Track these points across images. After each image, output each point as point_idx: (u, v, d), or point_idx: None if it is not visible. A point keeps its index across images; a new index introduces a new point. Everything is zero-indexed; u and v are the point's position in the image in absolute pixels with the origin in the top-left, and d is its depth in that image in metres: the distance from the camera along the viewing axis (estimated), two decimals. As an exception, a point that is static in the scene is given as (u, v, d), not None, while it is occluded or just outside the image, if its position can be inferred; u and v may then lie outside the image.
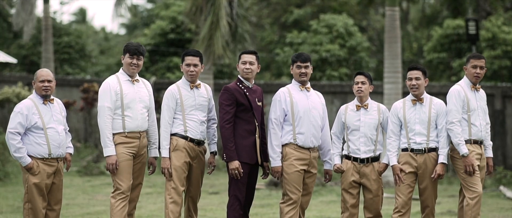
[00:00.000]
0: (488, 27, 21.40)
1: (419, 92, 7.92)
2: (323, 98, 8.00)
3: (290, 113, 7.72)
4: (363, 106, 7.93)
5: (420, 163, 7.84)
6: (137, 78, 7.86)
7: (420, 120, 7.86)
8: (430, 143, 7.85)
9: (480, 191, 7.82)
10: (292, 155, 7.68)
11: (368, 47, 23.97)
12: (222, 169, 17.25)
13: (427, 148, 7.84)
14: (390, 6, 16.51)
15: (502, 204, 13.24)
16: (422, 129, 7.86)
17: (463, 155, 7.81)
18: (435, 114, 7.88)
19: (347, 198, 7.90)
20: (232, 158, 7.58)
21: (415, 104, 7.92)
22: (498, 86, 18.92)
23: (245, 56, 7.81)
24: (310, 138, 7.72)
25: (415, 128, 7.86)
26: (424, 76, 7.97)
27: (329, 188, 15.09)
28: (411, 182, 7.87)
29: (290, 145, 7.71)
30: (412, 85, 7.92)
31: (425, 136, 7.85)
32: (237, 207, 7.63)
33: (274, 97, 7.80)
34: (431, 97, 8.01)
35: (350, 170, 7.89)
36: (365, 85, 7.93)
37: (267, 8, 28.68)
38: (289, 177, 7.64)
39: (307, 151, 7.73)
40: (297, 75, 7.81)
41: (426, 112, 7.88)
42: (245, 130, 7.65)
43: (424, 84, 7.96)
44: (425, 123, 7.86)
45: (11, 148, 7.66)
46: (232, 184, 7.66)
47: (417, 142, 7.85)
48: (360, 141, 7.89)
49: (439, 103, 7.96)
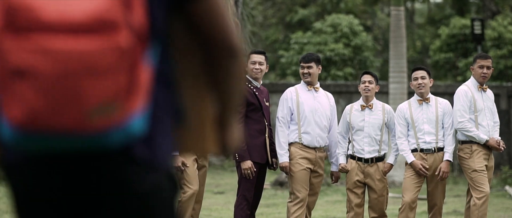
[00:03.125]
0: (494, 26, 21.38)
1: (425, 91, 7.93)
2: (332, 99, 8.01)
3: (296, 112, 7.74)
4: (368, 106, 7.93)
5: (430, 163, 7.85)
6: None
7: (428, 119, 7.88)
8: (439, 142, 7.87)
9: (488, 191, 7.82)
10: (297, 154, 7.69)
11: (373, 46, 23.96)
12: (227, 168, 17.26)
13: (436, 148, 7.85)
14: (395, 6, 16.49)
15: (508, 204, 13.22)
16: (431, 128, 7.87)
17: (487, 140, 7.86)
18: (442, 112, 7.90)
19: (351, 198, 7.90)
20: (244, 157, 7.58)
21: (421, 104, 7.93)
22: (504, 86, 18.89)
23: (254, 56, 7.82)
24: (315, 138, 7.72)
25: (423, 128, 7.87)
26: (429, 76, 7.98)
27: (335, 188, 15.09)
28: (419, 182, 7.88)
29: (296, 144, 7.72)
30: (418, 84, 7.92)
31: (434, 135, 7.86)
32: (244, 207, 7.64)
33: (282, 96, 7.85)
34: (435, 97, 8.05)
35: (355, 170, 7.89)
36: (371, 85, 7.93)
37: (272, 8, 28.69)
38: (295, 176, 7.65)
39: (313, 151, 7.73)
40: (301, 75, 7.87)
41: (434, 111, 7.89)
42: (255, 129, 7.67)
43: (429, 84, 7.97)
44: (433, 122, 7.87)
45: None
46: (242, 183, 7.67)
47: (426, 142, 7.86)
48: (364, 141, 7.89)
49: (445, 102, 7.99)
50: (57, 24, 1.75)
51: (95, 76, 1.76)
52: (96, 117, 1.78)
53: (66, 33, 1.76)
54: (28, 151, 1.85)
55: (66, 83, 1.75)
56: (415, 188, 7.85)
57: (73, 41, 1.75)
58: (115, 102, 1.79)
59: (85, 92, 1.76)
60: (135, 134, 1.85)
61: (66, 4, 1.76)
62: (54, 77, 1.75)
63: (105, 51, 1.76)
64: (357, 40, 22.81)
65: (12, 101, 1.77)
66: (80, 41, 1.75)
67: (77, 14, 1.76)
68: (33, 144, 1.81)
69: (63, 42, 1.75)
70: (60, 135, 1.79)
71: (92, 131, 1.79)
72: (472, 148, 7.93)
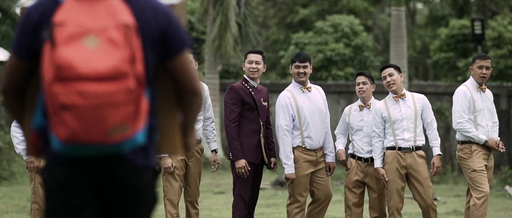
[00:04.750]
0: (494, 26, 21.38)
1: (397, 88, 7.79)
2: (323, 92, 7.94)
3: (297, 118, 7.71)
4: (366, 106, 7.93)
5: (408, 163, 7.68)
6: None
7: (407, 115, 7.73)
8: (417, 140, 7.73)
9: (487, 191, 7.81)
10: (301, 158, 7.68)
11: (373, 46, 23.96)
12: (227, 168, 17.26)
13: (414, 146, 7.71)
14: (396, 6, 16.50)
15: (508, 204, 13.22)
16: (410, 123, 7.71)
17: (486, 141, 7.84)
18: (420, 107, 7.76)
19: (349, 197, 7.90)
20: (238, 157, 7.60)
21: (398, 101, 7.80)
22: (504, 86, 18.89)
23: (251, 55, 7.82)
24: (317, 139, 7.73)
25: (402, 125, 7.70)
26: (397, 72, 7.84)
27: (334, 187, 15.08)
28: (400, 180, 7.68)
29: (299, 148, 7.71)
30: (387, 82, 7.78)
31: (413, 132, 7.71)
32: (242, 207, 7.65)
33: (279, 102, 7.69)
34: (412, 93, 7.91)
35: (354, 169, 7.89)
36: (366, 86, 7.91)
37: (273, 8, 28.70)
38: (297, 180, 7.65)
39: (314, 153, 7.74)
40: (295, 75, 7.75)
41: (412, 107, 7.76)
42: (250, 129, 7.67)
43: (400, 79, 7.83)
44: (412, 117, 7.72)
45: (14, 140, 7.66)
46: (237, 183, 7.68)
47: (405, 139, 7.67)
48: (363, 140, 7.88)
49: (422, 97, 7.84)
50: (88, 75, 2.81)
51: (113, 107, 2.83)
52: (114, 134, 2.86)
53: (94, 81, 2.81)
54: (68, 155, 2.96)
55: (95, 113, 2.82)
56: (395, 189, 7.66)
57: (99, 86, 2.81)
58: (127, 124, 2.87)
59: (107, 118, 2.83)
60: (139, 143, 2.97)
61: (94, 62, 2.81)
62: (87, 109, 2.81)
63: (119, 91, 2.83)
64: (358, 40, 22.81)
65: (60, 125, 2.85)
66: (104, 85, 2.81)
67: (101, 68, 2.81)
68: (72, 151, 2.93)
69: (93, 87, 2.80)
70: (90, 146, 2.89)
71: (112, 142, 2.88)
72: (471, 148, 7.93)
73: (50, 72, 2.84)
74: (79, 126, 2.82)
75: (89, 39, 2.85)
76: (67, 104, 2.80)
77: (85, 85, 2.80)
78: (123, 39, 2.87)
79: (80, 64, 2.80)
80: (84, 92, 2.80)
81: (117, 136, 2.86)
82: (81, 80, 2.80)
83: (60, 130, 2.85)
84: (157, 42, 3.07)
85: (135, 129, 2.90)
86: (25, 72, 3.07)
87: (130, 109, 2.85)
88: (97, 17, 2.90)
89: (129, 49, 2.87)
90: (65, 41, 2.85)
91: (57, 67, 2.81)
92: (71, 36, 2.85)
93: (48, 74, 2.84)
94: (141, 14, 3.03)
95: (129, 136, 2.89)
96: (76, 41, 2.85)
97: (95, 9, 2.92)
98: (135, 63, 2.87)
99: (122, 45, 2.86)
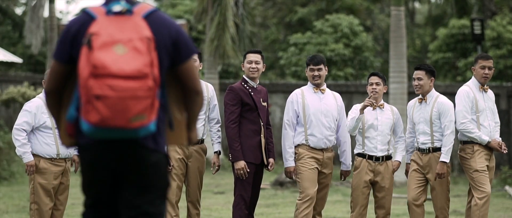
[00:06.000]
0: (493, 26, 21.37)
1: (422, 92, 7.94)
2: (340, 99, 8.02)
3: (301, 114, 7.76)
4: (379, 106, 7.98)
5: (425, 163, 7.87)
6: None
7: (424, 119, 7.91)
8: (435, 142, 7.85)
9: (489, 191, 7.82)
10: (305, 154, 7.73)
11: (373, 46, 23.96)
12: (227, 168, 17.25)
13: (431, 148, 7.85)
14: (396, 6, 16.49)
15: (508, 204, 13.23)
16: (426, 127, 7.87)
17: (489, 142, 7.89)
18: (436, 112, 7.86)
19: (360, 198, 7.90)
20: (238, 158, 7.60)
21: (421, 103, 7.97)
22: (504, 86, 18.89)
23: (250, 55, 7.83)
24: (322, 139, 7.75)
25: (419, 128, 7.91)
26: (428, 76, 7.94)
27: (335, 188, 15.09)
28: (419, 178, 7.91)
29: (303, 146, 7.76)
30: (414, 85, 7.98)
31: (429, 135, 7.85)
32: (242, 207, 7.65)
33: (288, 98, 7.89)
34: (437, 95, 7.98)
35: (364, 169, 7.91)
36: (379, 87, 7.97)
37: (272, 8, 28.68)
38: (304, 174, 7.68)
39: (320, 152, 7.76)
40: (311, 78, 7.84)
41: (429, 111, 7.89)
42: (250, 129, 7.68)
43: (429, 83, 7.94)
44: (427, 121, 7.88)
45: (16, 143, 7.66)
46: (238, 183, 7.69)
47: (421, 142, 7.89)
48: (377, 139, 7.92)
49: (442, 102, 7.91)
50: (117, 73, 3.63)
51: (136, 100, 3.66)
52: (135, 121, 3.69)
53: (122, 78, 3.63)
54: (97, 137, 3.78)
55: (121, 103, 3.64)
56: (414, 183, 7.96)
57: (125, 82, 3.64)
58: (145, 113, 3.70)
59: (131, 108, 3.66)
60: (151, 131, 3.81)
61: (122, 64, 3.64)
62: (115, 100, 3.63)
63: (141, 88, 3.66)
64: (357, 40, 22.81)
65: (92, 112, 3.65)
66: (129, 82, 3.64)
67: (128, 69, 3.65)
68: (100, 134, 3.74)
69: (121, 83, 3.63)
70: (116, 130, 3.70)
71: (132, 128, 3.71)
72: (473, 148, 7.93)
73: (86, 70, 3.65)
74: (108, 112, 3.63)
75: (117, 47, 3.68)
76: (100, 95, 3.61)
77: (115, 81, 3.61)
78: (145, 48, 3.71)
79: (111, 65, 3.63)
80: (114, 86, 3.61)
81: (137, 123, 3.68)
82: (111, 77, 3.61)
83: (92, 116, 3.65)
84: (169, 51, 3.91)
85: (150, 118, 3.72)
86: (64, 75, 3.91)
87: (148, 102, 3.68)
88: (124, 30, 3.74)
89: (149, 56, 3.70)
90: (100, 47, 3.67)
91: (93, 66, 3.63)
92: (104, 43, 3.68)
93: (85, 72, 3.65)
94: (158, 30, 3.86)
95: (146, 124, 3.71)
96: (108, 48, 3.67)
97: (122, 24, 3.77)
98: (153, 67, 3.70)
99: (144, 53, 3.70)
